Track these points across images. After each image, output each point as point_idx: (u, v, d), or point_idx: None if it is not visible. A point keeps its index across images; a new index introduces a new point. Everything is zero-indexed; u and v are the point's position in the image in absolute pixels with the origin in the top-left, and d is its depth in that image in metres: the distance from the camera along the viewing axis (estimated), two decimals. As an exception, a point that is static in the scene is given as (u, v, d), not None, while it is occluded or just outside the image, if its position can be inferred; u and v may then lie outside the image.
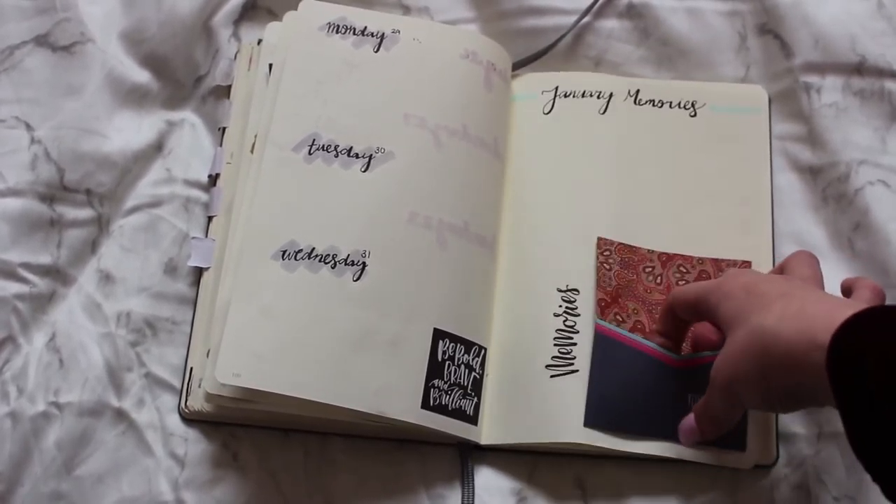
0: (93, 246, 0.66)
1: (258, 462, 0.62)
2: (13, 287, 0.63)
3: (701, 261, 0.64)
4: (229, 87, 0.70)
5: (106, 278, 0.65)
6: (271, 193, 0.61)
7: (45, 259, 0.64)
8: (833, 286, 0.64)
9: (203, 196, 0.68)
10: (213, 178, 0.67)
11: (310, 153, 0.62)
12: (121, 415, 0.62)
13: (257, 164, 0.62)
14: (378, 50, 0.65)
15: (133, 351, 0.64)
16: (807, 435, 0.61)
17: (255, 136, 0.64)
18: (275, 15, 0.73)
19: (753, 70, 0.70)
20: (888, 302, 0.63)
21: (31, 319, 0.63)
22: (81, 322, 0.64)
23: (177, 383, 0.63)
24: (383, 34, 0.65)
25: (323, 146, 0.62)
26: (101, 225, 0.66)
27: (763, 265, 0.63)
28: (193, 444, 0.62)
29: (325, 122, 0.63)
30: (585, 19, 0.71)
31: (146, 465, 0.61)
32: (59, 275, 0.65)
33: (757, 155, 0.67)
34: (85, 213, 0.66)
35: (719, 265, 0.63)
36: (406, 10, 0.72)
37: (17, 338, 0.63)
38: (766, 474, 0.60)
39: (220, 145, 0.68)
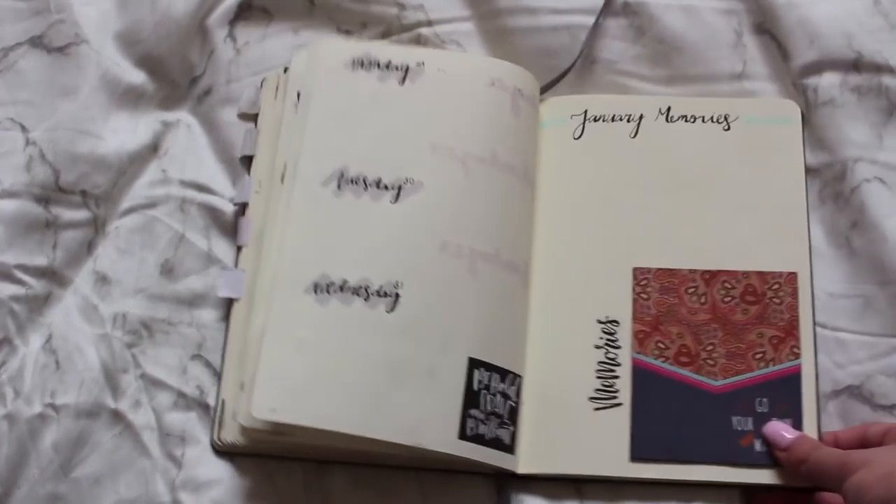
0: (89, 247, 0.66)
1: (255, 463, 0.62)
2: (9, 289, 0.63)
3: (746, 275, 0.63)
4: (255, 115, 0.69)
5: (102, 280, 0.65)
6: (302, 228, 0.61)
7: (40, 261, 0.64)
8: (831, 285, 0.64)
9: (199, 196, 0.68)
10: (242, 208, 0.67)
11: (338, 187, 0.61)
12: (117, 416, 0.62)
13: (287, 196, 0.62)
14: (403, 82, 0.65)
15: (129, 352, 0.64)
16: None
17: (285, 165, 0.64)
18: (270, 14, 0.72)
19: (750, 68, 0.70)
20: (883, 302, 0.63)
21: (27, 321, 0.64)
22: (77, 324, 0.64)
23: (173, 384, 0.63)
24: (408, 67, 0.65)
25: (351, 179, 0.62)
26: (96, 226, 0.66)
27: (802, 273, 0.63)
28: (190, 445, 0.62)
29: (352, 155, 0.62)
30: (582, 20, 0.70)
31: (143, 466, 0.61)
32: (54, 276, 0.65)
33: (791, 164, 0.66)
34: (80, 214, 0.66)
35: (765, 278, 0.63)
36: (401, 7, 0.72)
37: (13, 339, 0.63)
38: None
39: (248, 174, 0.67)
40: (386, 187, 0.61)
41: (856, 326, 0.63)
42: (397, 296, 0.59)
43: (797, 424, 0.59)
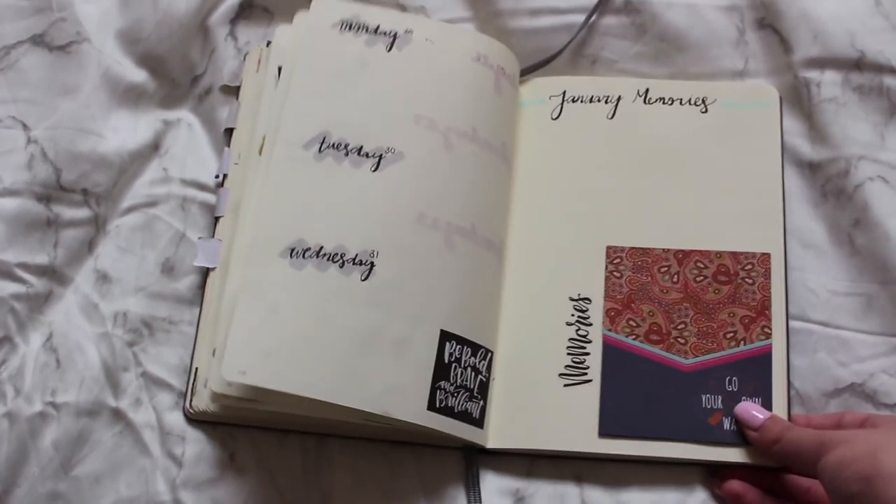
0: (89, 246, 0.66)
1: (256, 462, 0.61)
2: (10, 287, 0.63)
3: (719, 255, 0.63)
4: (237, 87, 0.70)
5: (103, 278, 0.65)
6: (280, 191, 0.60)
7: (41, 259, 0.64)
8: (832, 283, 0.64)
9: (199, 195, 0.68)
10: (221, 179, 0.67)
11: (320, 151, 0.61)
12: (118, 415, 0.62)
13: (266, 163, 0.62)
14: (391, 49, 0.65)
15: (130, 351, 0.63)
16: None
17: (264, 138, 0.64)
18: (271, 14, 0.72)
19: (752, 64, 0.70)
20: (885, 300, 0.63)
21: (27, 319, 0.63)
22: (78, 322, 0.64)
23: (174, 382, 0.63)
24: (396, 34, 0.65)
25: (333, 144, 0.62)
26: (97, 225, 0.66)
27: (776, 255, 0.63)
28: (191, 443, 0.62)
29: (335, 120, 0.62)
30: (582, 20, 0.70)
31: (143, 465, 0.61)
32: (55, 275, 0.65)
33: (768, 147, 0.66)
34: (82, 212, 0.66)
35: (738, 258, 0.63)
36: (402, 9, 0.72)
37: (13, 338, 0.63)
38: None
39: (228, 146, 0.67)
40: (367, 155, 0.61)
41: (858, 325, 0.63)
42: (372, 265, 0.59)
43: (766, 404, 0.59)
